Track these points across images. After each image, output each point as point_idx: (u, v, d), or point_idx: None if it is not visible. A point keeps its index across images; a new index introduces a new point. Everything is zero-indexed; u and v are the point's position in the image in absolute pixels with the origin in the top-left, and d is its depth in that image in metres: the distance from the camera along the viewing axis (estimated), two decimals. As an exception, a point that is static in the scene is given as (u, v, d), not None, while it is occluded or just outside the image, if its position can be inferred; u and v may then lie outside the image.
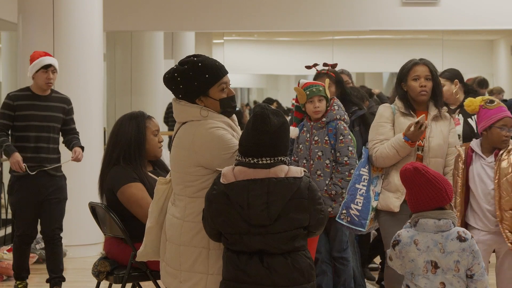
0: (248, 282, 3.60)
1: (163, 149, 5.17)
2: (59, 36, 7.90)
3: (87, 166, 7.29)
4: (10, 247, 7.43)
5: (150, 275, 4.77)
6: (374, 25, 11.19)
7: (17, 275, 6.30)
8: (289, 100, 17.01)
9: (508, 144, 4.73)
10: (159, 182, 4.04)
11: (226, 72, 3.88)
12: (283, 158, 3.65)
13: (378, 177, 4.90)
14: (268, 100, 16.32)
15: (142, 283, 5.04)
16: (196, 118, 3.81)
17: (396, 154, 4.77)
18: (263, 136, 3.59)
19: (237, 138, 3.81)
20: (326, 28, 11.65)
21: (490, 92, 10.61)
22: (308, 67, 5.84)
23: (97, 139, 7.97)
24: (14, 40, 10.66)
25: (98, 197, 5.02)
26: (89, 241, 8.04)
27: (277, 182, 3.58)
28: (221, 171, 3.67)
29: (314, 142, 5.36)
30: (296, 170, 3.63)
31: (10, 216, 8.85)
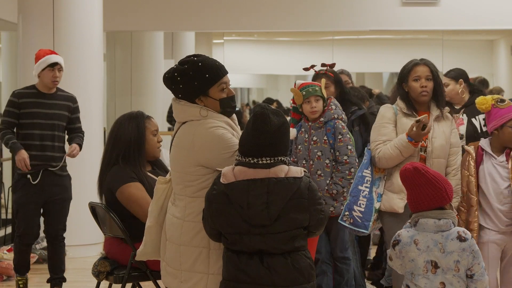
0: (248, 282, 3.60)
1: (163, 148, 5.17)
2: (59, 36, 7.90)
3: (87, 166, 7.29)
4: (10, 247, 7.43)
5: (150, 275, 4.77)
6: (374, 25, 11.18)
7: (17, 270, 6.29)
8: (289, 100, 16.99)
9: None
10: (159, 181, 4.04)
11: (226, 72, 3.89)
12: (283, 158, 3.65)
13: (381, 178, 4.88)
14: (268, 100, 16.30)
15: (142, 283, 5.04)
16: (195, 117, 3.81)
17: (399, 155, 4.74)
18: (263, 136, 3.59)
19: (237, 138, 3.81)
20: (326, 28, 11.64)
21: (490, 92, 10.59)
22: (306, 69, 5.84)
23: (97, 139, 7.97)
24: (14, 40, 10.66)
25: (97, 197, 5.03)
26: (89, 241, 8.04)
27: (277, 182, 3.58)
28: (221, 171, 3.67)
29: (313, 142, 5.36)
30: (296, 170, 3.63)
31: (10, 216, 8.87)
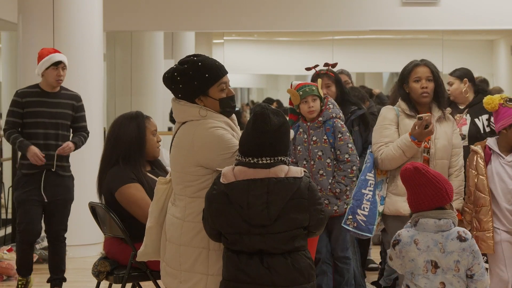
0: (248, 282, 3.60)
1: (163, 148, 5.17)
2: (59, 36, 7.90)
3: (87, 166, 7.29)
4: (10, 247, 7.43)
5: (150, 275, 4.77)
6: (374, 25, 11.18)
7: (19, 271, 6.27)
8: (288, 101, 16.97)
9: None
10: (159, 182, 4.04)
11: (226, 72, 3.89)
12: (283, 158, 3.65)
13: (383, 181, 4.84)
14: (268, 100, 16.30)
15: (142, 283, 5.04)
16: (195, 117, 3.81)
17: (402, 155, 4.70)
18: (263, 135, 3.59)
19: (236, 138, 3.81)
20: (326, 28, 11.64)
21: (489, 92, 10.61)
22: (308, 69, 5.83)
23: (97, 139, 7.96)
24: (14, 40, 10.66)
25: (97, 197, 5.03)
26: (89, 241, 8.04)
27: (277, 182, 3.58)
28: (221, 171, 3.67)
29: (312, 142, 5.36)
30: (296, 170, 3.63)
31: (10, 216, 8.87)
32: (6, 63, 12.55)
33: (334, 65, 5.90)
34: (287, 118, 5.59)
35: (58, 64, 6.18)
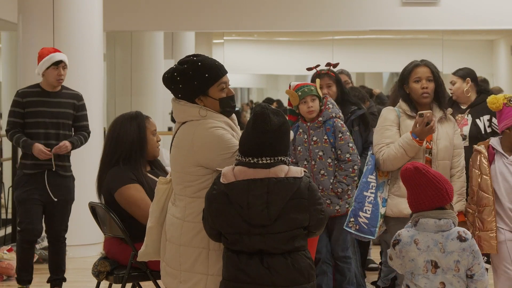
0: (248, 282, 3.60)
1: (163, 148, 5.16)
2: (59, 36, 7.89)
3: (87, 166, 7.29)
4: (10, 247, 7.43)
5: (150, 275, 4.77)
6: (374, 25, 11.18)
7: (18, 278, 6.20)
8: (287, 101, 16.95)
9: None
10: (160, 182, 4.04)
11: (226, 71, 3.89)
12: (283, 158, 3.64)
13: (384, 182, 4.81)
14: (268, 100, 16.31)
15: (142, 283, 5.04)
16: (195, 117, 3.81)
17: (404, 154, 4.66)
18: (263, 135, 3.59)
19: (236, 138, 3.81)
20: (326, 28, 11.64)
21: (492, 92, 10.60)
22: (309, 69, 5.83)
23: (97, 139, 7.96)
24: (14, 40, 10.66)
25: (96, 196, 5.02)
26: (89, 241, 8.04)
27: (277, 182, 3.58)
28: (221, 171, 3.67)
29: (313, 142, 5.36)
30: (296, 170, 3.63)
31: (10, 216, 8.86)
32: (6, 63, 12.55)
33: (335, 65, 5.90)
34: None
35: (58, 63, 6.16)
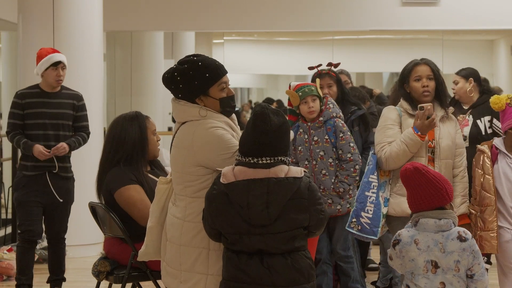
0: (248, 282, 3.60)
1: (163, 148, 5.16)
2: (59, 36, 7.89)
3: (87, 166, 7.29)
4: (10, 247, 7.42)
5: (150, 275, 4.77)
6: (374, 25, 11.18)
7: (18, 282, 6.12)
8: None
9: None
10: (160, 182, 4.04)
11: (226, 71, 3.89)
12: (283, 158, 3.64)
13: (386, 182, 4.76)
14: (268, 100, 16.31)
15: (142, 283, 5.04)
16: (195, 117, 3.81)
17: (406, 151, 4.61)
18: (263, 135, 3.59)
19: (236, 138, 3.81)
20: (326, 28, 11.64)
21: (495, 92, 10.59)
22: (311, 68, 5.82)
23: (97, 139, 7.95)
24: (14, 40, 10.66)
25: (96, 196, 5.02)
26: (89, 241, 8.03)
27: (277, 182, 3.58)
28: (221, 171, 3.67)
29: (314, 142, 5.36)
30: (296, 170, 3.63)
31: (10, 216, 8.86)
32: (6, 63, 12.55)
33: (337, 65, 5.89)
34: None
35: (57, 64, 6.12)
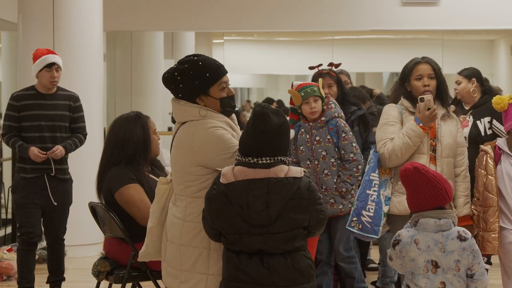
0: (248, 282, 3.60)
1: (163, 148, 5.17)
2: (59, 36, 7.90)
3: (87, 166, 7.29)
4: (10, 247, 7.42)
5: (150, 275, 4.77)
6: (374, 25, 11.18)
7: (20, 286, 6.10)
8: (288, 100, 16.99)
9: None
10: (160, 182, 4.04)
11: (226, 71, 3.89)
12: (283, 158, 3.64)
13: (387, 180, 4.72)
14: (268, 100, 16.32)
15: (142, 283, 5.04)
16: (195, 117, 3.81)
17: (409, 143, 4.58)
18: (263, 135, 3.59)
19: (236, 138, 3.81)
20: (326, 28, 11.64)
21: (496, 92, 10.59)
22: (311, 68, 5.82)
23: (97, 139, 7.96)
24: (14, 40, 10.67)
25: (96, 196, 5.02)
26: (89, 241, 8.04)
27: (276, 182, 3.58)
28: (221, 171, 3.67)
29: (316, 142, 5.35)
30: (296, 170, 3.63)
31: (10, 216, 8.86)
32: (6, 63, 12.56)
33: (338, 65, 5.89)
34: (288, 118, 5.60)
35: (51, 65, 6.06)
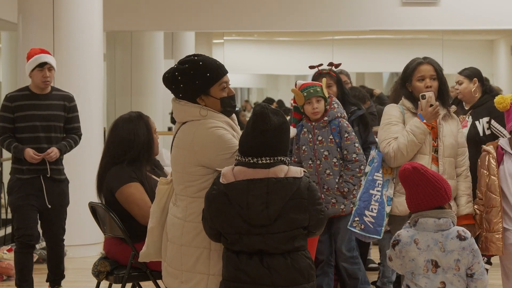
0: (248, 282, 3.60)
1: (163, 148, 5.17)
2: (59, 36, 7.90)
3: (87, 166, 7.29)
4: (10, 247, 7.42)
5: (150, 275, 4.77)
6: (374, 25, 11.18)
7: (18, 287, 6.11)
8: (289, 100, 17.02)
9: None
10: (161, 182, 4.04)
11: (226, 71, 3.90)
12: (283, 158, 3.64)
13: (389, 180, 4.67)
14: (268, 100, 16.33)
15: (142, 283, 5.04)
16: (196, 117, 3.82)
17: (414, 141, 4.55)
18: (263, 135, 3.59)
19: (237, 138, 3.81)
20: (326, 28, 11.65)
21: (496, 92, 10.60)
22: (311, 67, 5.81)
23: (97, 139, 7.97)
24: (14, 40, 10.66)
25: (96, 196, 5.02)
26: (89, 241, 8.03)
27: (276, 182, 3.58)
28: (220, 171, 3.67)
29: (318, 142, 5.33)
30: (295, 170, 3.63)
31: (10, 216, 8.85)
32: (6, 63, 12.56)
33: (338, 65, 5.88)
34: (291, 116, 5.60)
35: (43, 65, 6.01)
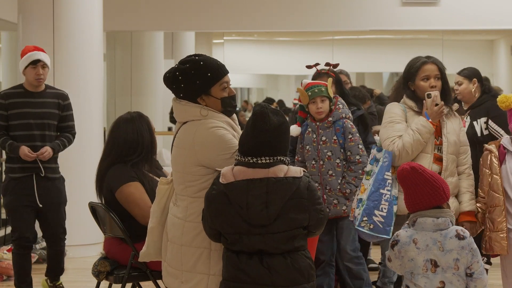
0: (247, 282, 3.60)
1: (164, 148, 5.17)
2: (59, 36, 7.90)
3: (87, 166, 7.29)
4: (10, 247, 7.42)
5: (150, 275, 4.78)
6: (374, 25, 11.18)
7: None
8: (289, 100, 17.04)
9: None
10: (161, 182, 4.04)
11: (227, 71, 3.90)
12: (283, 158, 3.65)
13: (393, 179, 4.59)
14: (268, 100, 16.33)
15: (142, 283, 5.04)
16: (196, 117, 3.82)
17: (420, 139, 4.52)
18: (263, 135, 3.59)
19: (237, 138, 3.81)
20: (326, 28, 11.65)
21: (496, 92, 10.60)
22: (309, 67, 5.81)
23: (97, 139, 7.97)
24: (14, 40, 10.67)
25: (96, 196, 5.01)
26: (89, 241, 8.03)
27: (276, 181, 3.58)
28: (220, 171, 3.67)
29: (322, 142, 5.31)
30: (295, 170, 3.63)
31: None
32: (6, 63, 12.57)
33: (335, 65, 5.87)
34: (296, 115, 5.59)
35: (36, 62, 5.97)
